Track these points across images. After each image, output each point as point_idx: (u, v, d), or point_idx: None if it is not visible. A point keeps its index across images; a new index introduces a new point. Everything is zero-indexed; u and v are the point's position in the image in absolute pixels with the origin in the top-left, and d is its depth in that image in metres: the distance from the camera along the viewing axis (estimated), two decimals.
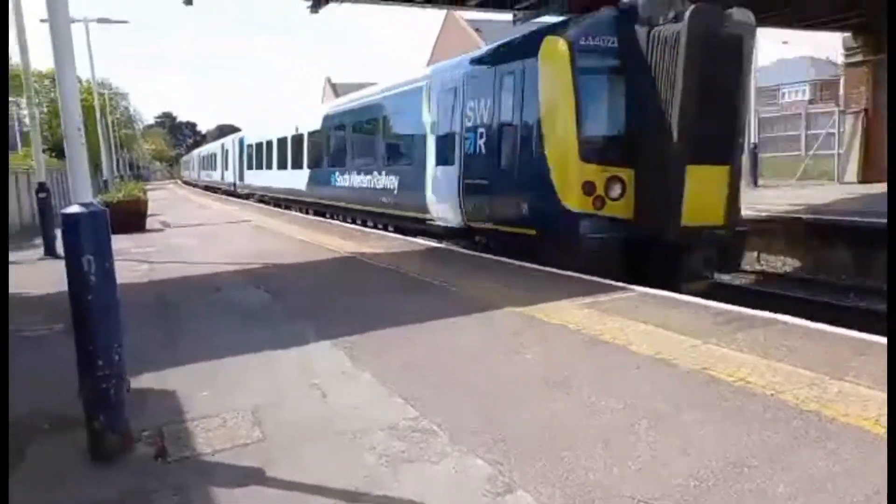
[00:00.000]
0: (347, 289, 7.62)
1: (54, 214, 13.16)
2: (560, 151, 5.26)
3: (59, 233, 14.96)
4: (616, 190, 5.26)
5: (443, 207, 8.51)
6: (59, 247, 12.01)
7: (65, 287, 3.64)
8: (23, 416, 4.26)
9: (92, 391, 3.79)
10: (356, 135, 13.01)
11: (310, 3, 13.20)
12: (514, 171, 6.06)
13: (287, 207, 20.73)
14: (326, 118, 15.25)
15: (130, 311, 6.34)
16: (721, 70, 4.51)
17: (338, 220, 15.84)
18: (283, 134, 19.73)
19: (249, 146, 25.89)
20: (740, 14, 4.67)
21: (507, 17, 13.56)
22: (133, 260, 10.70)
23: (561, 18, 8.85)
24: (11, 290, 8.41)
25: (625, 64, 4.93)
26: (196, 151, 64.06)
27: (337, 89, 52.99)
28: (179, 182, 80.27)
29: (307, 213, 18.36)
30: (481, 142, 6.83)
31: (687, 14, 4.37)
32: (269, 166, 22.14)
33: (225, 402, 4.30)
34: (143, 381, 4.68)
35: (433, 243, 10.72)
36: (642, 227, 5.21)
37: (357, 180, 12.76)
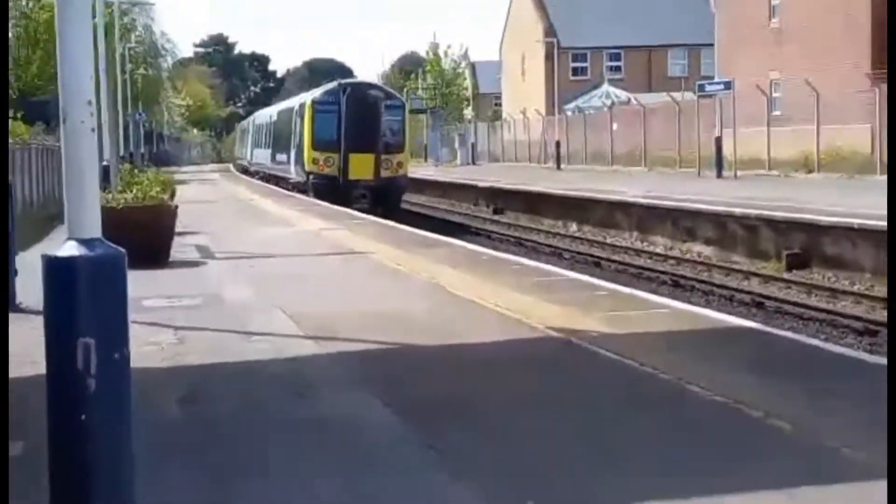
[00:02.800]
0: (565, 431, 7.57)
1: (13, 250, 14.34)
2: (307, 145, 41.05)
3: (28, 253, 16.27)
4: (329, 162, 39.78)
5: (295, 170, 45.33)
6: (26, 291, 13.09)
7: (33, 369, 3.86)
8: None
9: None
10: (274, 129, 56.63)
11: None
12: (300, 155, 42.79)
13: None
14: (270, 116, 60.97)
15: (142, 435, 6.65)
16: (365, 113, 39.19)
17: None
18: (259, 122, 68.27)
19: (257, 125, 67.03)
20: (375, 90, 43.28)
21: None
22: (148, 323, 11.37)
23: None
24: None
25: (336, 109, 39.97)
26: (261, 113, 69.75)
27: None
28: (232, 168, 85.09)
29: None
30: (296, 140, 44.87)
31: (348, 90, 40.65)
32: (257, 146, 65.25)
33: None
34: None
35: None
36: (338, 179, 39.25)
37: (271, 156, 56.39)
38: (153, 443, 6.65)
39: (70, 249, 4.10)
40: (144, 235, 17.05)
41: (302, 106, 44.36)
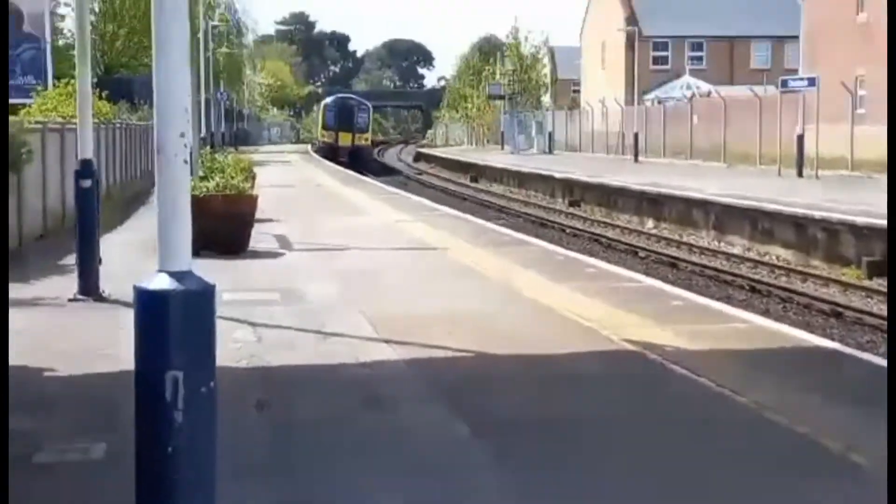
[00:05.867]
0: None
1: (98, 226, 14.58)
2: (320, 127, 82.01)
3: (112, 236, 16.54)
4: (329, 137, 77.19)
5: (318, 140, 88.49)
6: (107, 279, 13.32)
7: (114, 365, 3.95)
8: None
9: None
10: (319, 118, 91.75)
11: None
12: (318, 132, 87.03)
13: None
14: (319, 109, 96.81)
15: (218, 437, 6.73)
16: (347, 112, 78.04)
17: None
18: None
19: None
20: (352, 100, 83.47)
21: None
22: (228, 318, 11.48)
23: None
24: (21, 361, 9.40)
25: (334, 109, 79.44)
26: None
27: None
28: (309, 149, 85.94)
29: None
30: (317, 125, 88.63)
31: (338, 100, 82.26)
32: None
33: None
34: None
35: None
36: (333, 145, 75.32)
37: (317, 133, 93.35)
38: (238, 447, 6.74)
39: (161, 282, 4.17)
40: (225, 224, 17.31)
41: (319, 106, 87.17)
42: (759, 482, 6.57)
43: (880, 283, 19.38)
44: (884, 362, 9.94)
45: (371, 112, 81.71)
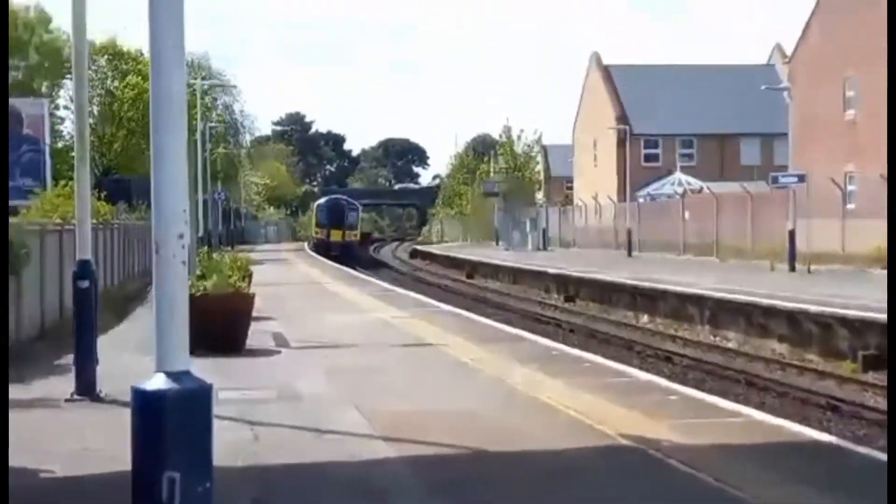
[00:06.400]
0: None
1: (96, 325, 14.55)
2: (313, 225, 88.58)
3: (110, 335, 16.53)
4: (322, 233, 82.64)
5: (312, 237, 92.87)
6: (105, 379, 13.25)
7: (112, 465, 3.92)
8: None
9: None
10: (312, 217, 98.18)
11: None
12: (311, 229, 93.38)
13: None
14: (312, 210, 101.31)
15: None
16: (338, 211, 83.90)
17: None
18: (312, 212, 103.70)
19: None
20: (343, 200, 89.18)
21: None
22: (225, 417, 11.43)
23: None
24: (18, 462, 9.31)
25: (325, 209, 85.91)
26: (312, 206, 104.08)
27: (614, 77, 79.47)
28: (306, 246, 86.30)
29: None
30: (312, 222, 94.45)
31: (330, 200, 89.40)
32: None
33: None
34: None
35: None
36: (325, 240, 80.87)
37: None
38: None
39: (158, 383, 4.18)
40: (222, 322, 17.32)
41: (314, 206, 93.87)
42: None
43: (878, 378, 19.36)
44: (882, 456, 9.89)
45: (360, 211, 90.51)
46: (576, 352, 19.16)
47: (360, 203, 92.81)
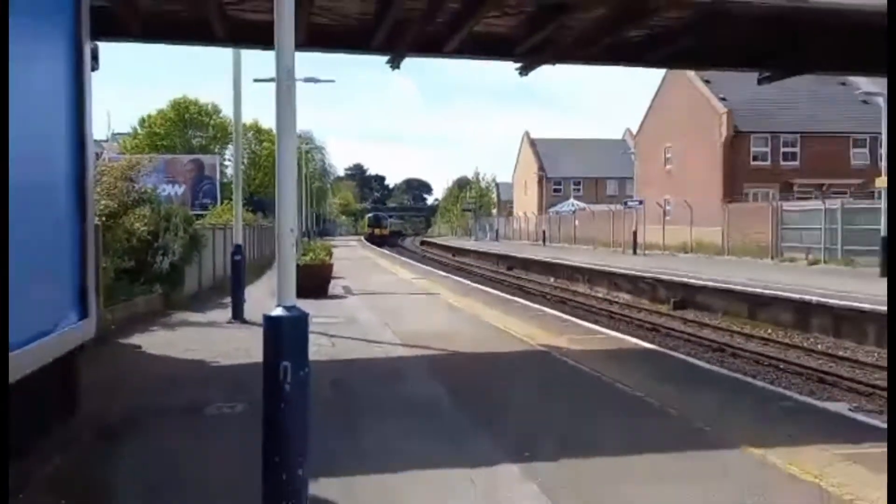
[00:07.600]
0: (536, 402, 7.45)
1: (244, 281, 14.46)
2: (366, 225, 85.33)
3: (250, 288, 16.64)
4: (370, 230, 78.40)
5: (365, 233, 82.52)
6: (248, 311, 13.20)
7: (250, 359, 3.88)
8: None
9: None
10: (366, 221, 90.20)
11: (519, 67, 13.64)
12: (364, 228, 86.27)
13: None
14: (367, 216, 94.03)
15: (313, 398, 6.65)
16: (380, 218, 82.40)
17: None
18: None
19: None
20: (382, 213, 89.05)
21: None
22: (315, 332, 11.36)
23: None
24: (199, 356, 9.28)
25: (374, 216, 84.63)
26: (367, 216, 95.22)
27: (536, 145, 76.10)
28: (363, 239, 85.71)
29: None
30: (364, 224, 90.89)
31: (376, 213, 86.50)
32: None
33: None
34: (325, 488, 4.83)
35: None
36: (372, 234, 75.80)
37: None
38: (322, 404, 6.65)
39: (279, 311, 4.16)
40: (314, 280, 17.24)
41: (366, 217, 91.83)
42: (616, 420, 6.50)
43: (681, 313, 19.31)
44: (685, 357, 9.87)
45: (390, 219, 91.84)
46: (509, 296, 19.10)
47: (392, 214, 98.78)
